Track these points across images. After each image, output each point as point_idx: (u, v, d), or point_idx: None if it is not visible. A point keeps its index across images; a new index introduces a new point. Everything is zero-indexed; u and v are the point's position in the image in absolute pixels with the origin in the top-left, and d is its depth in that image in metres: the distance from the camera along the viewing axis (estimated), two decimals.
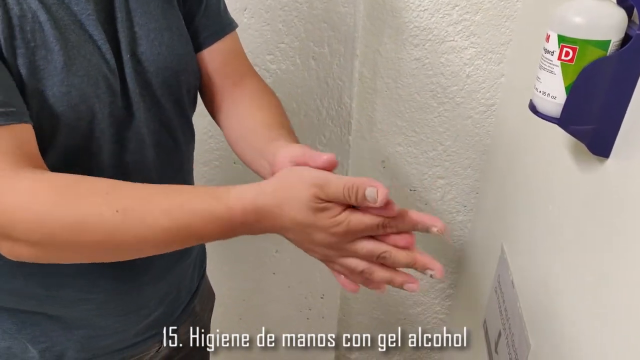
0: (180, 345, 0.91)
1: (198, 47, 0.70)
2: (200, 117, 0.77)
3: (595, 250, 0.59)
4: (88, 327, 0.71)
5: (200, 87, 0.74)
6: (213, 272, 1.17)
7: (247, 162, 0.68)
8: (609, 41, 0.50)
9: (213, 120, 1.12)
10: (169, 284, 0.77)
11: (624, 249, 0.52)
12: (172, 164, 0.71)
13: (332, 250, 0.52)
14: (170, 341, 0.85)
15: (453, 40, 1.07)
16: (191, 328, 0.91)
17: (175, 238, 0.51)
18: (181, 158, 0.73)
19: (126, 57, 0.60)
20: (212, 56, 0.71)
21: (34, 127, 0.53)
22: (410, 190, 1.28)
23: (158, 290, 0.75)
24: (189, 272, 0.84)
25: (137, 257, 0.55)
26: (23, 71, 0.52)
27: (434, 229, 0.51)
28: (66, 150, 0.57)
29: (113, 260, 0.55)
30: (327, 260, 0.54)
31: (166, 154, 0.69)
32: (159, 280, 0.74)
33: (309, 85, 1.08)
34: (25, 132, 0.51)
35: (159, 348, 0.84)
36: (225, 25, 0.72)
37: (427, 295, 1.46)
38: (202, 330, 0.96)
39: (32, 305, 0.67)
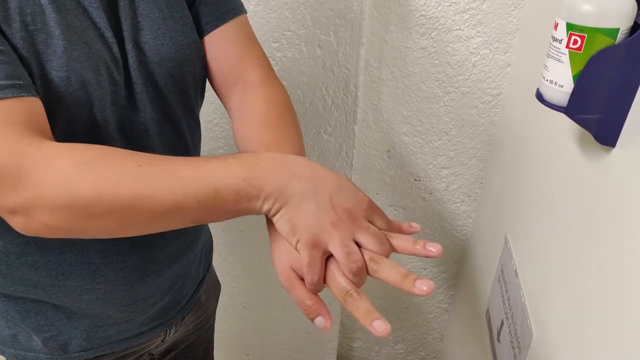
0: (185, 334, 0.92)
1: (200, 34, 0.68)
2: (205, 104, 0.77)
3: (599, 239, 0.59)
4: (93, 316, 0.72)
5: (207, 74, 0.72)
6: (218, 262, 1.18)
7: None
8: (618, 29, 0.49)
9: (218, 108, 1.12)
10: (174, 274, 0.78)
11: (629, 238, 0.52)
12: (176, 153, 0.71)
13: (349, 217, 0.51)
14: (175, 330, 0.85)
15: (459, 29, 1.06)
16: (196, 317, 0.91)
17: (197, 191, 0.49)
18: (186, 148, 0.73)
19: (129, 46, 0.60)
20: (215, 42, 0.69)
21: None
22: (415, 179, 1.28)
23: (164, 280, 0.76)
24: (195, 262, 0.84)
25: (156, 227, 0.52)
26: (23, 54, 0.51)
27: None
28: (67, 137, 0.56)
29: (134, 232, 0.52)
30: (334, 229, 0.50)
31: (170, 143, 0.69)
32: (164, 270, 0.74)
33: (314, 74, 1.08)
34: (35, 105, 0.51)
35: (164, 337, 0.84)
36: (229, 10, 0.69)
37: None
38: (207, 319, 0.97)
39: (37, 294, 0.68)
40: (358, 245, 0.51)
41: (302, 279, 0.53)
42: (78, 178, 0.47)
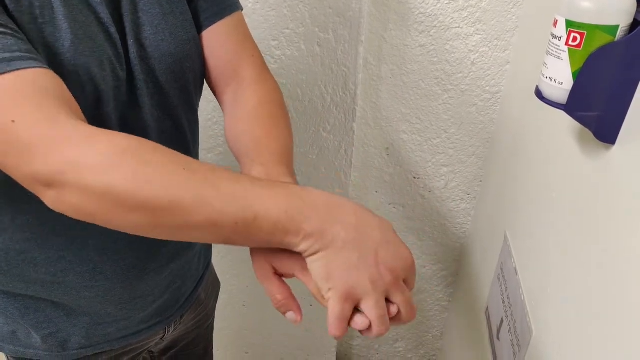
0: (185, 332, 0.92)
1: (199, 29, 0.68)
2: (204, 102, 0.77)
3: (599, 237, 0.59)
4: (92, 314, 0.72)
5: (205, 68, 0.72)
6: (218, 260, 1.18)
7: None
8: (617, 26, 0.49)
9: (217, 106, 1.12)
10: (174, 272, 0.78)
11: (629, 235, 0.52)
12: (176, 150, 0.71)
13: (390, 276, 0.49)
14: (174, 328, 0.85)
15: (458, 27, 1.06)
16: (195, 315, 0.91)
17: (236, 212, 0.46)
18: (186, 145, 0.73)
19: (130, 41, 0.60)
20: (212, 38, 0.69)
21: None
22: (414, 177, 1.28)
23: (163, 278, 0.76)
24: (195, 260, 0.84)
25: (186, 236, 0.49)
26: (34, 46, 0.51)
27: None
28: None
29: (161, 236, 0.49)
30: (372, 287, 0.48)
31: (171, 140, 0.69)
32: (163, 268, 0.74)
33: (313, 72, 1.08)
34: (60, 79, 0.49)
35: (164, 335, 0.84)
36: (226, 7, 0.69)
37: (430, 283, 1.47)
38: (207, 317, 0.97)
39: (37, 291, 0.68)
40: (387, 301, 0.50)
41: (278, 275, 0.53)
42: (116, 167, 0.44)
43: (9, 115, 0.44)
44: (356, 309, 0.50)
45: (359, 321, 0.49)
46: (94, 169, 0.44)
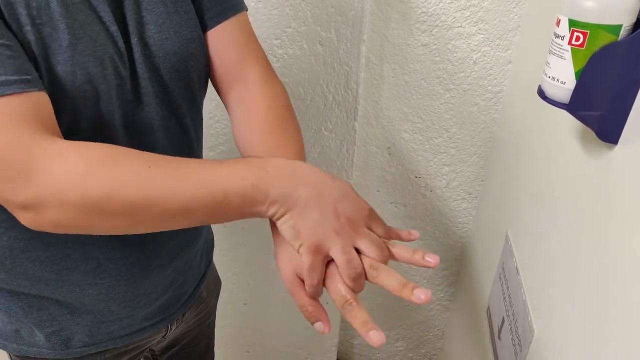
0: (186, 330, 0.92)
1: (203, 29, 0.68)
2: (206, 101, 0.77)
3: (601, 237, 0.59)
4: (96, 312, 0.72)
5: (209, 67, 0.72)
6: (219, 258, 1.18)
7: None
8: (621, 26, 0.49)
9: (219, 105, 1.12)
10: (176, 270, 0.78)
11: (631, 235, 0.52)
12: (180, 148, 0.71)
13: (351, 224, 0.53)
14: (176, 326, 0.86)
15: (461, 27, 1.06)
16: (197, 313, 0.91)
17: (206, 194, 0.50)
18: (190, 143, 0.73)
19: (134, 40, 0.60)
20: (217, 38, 0.69)
21: None
22: (416, 177, 1.28)
23: (166, 276, 0.76)
24: (197, 258, 0.84)
25: (164, 227, 0.54)
26: (29, 48, 0.51)
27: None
28: (72, 131, 0.57)
29: (142, 231, 0.54)
30: (336, 236, 0.52)
31: (174, 138, 0.69)
32: (166, 266, 0.75)
33: (315, 71, 1.08)
34: (43, 100, 0.51)
35: (166, 333, 0.84)
36: (230, 6, 0.69)
37: (431, 282, 1.47)
38: (208, 315, 0.97)
39: (40, 289, 0.68)
40: (358, 252, 0.53)
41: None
42: (90, 177, 0.48)
43: None
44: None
45: (374, 337, 0.49)
46: (70, 181, 0.47)
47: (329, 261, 0.53)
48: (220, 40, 0.69)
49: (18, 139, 0.48)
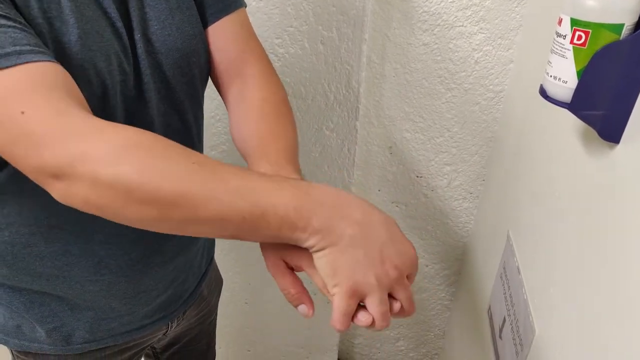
0: (187, 328, 0.92)
1: (204, 24, 0.69)
2: (207, 99, 0.77)
3: (602, 236, 0.59)
4: (96, 308, 0.72)
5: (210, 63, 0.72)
6: (220, 257, 1.18)
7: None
8: (623, 25, 0.49)
9: (221, 104, 1.12)
10: (177, 267, 0.78)
11: (633, 234, 0.52)
12: (182, 145, 0.71)
13: (394, 273, 0.50)
14: (177, 324, 0.86)
15: (462, 26, 1.06)
16: (198, 311, 0.92)
17: (244, 206, 0.46)
18: (192, 139, 0.73)
19: (137, 36, 0.60)
20: (217, 34, 0.69)
21: None
22: (417, 176, 1.28)
23: (167, 273, 0.76)
24: (198, 256, 0.84)
25: (193, 231, 0.49)
26: (43, 40, 0.51)
27: None
28: None
29: (168, 229, 0.49)
30: (377, 284, 0.49)
31: (176, 135, 0.69)
32: (167, 263, 0.75)
33: (316, 70, 1.08)
34: (67, 73, 0.50)
35: (166, 331, 0.84)
36: (230, 3, 0.70)
37: (432, 282, 1.47)
38: (209, 314, 0.98)
39: (42, 284, 0.68)
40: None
41: (290, 269, 0.54)
42: (127, 158, 0.45)
43: (19, 107, 0.45)
44: (359, 304, 0.51)
45: (363, 319, 0.50)
46: (104, 160, 0.44)
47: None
48: (221, 36, 0.69)
49: (54, 103, 0.46)
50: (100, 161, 0.44)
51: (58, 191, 0.46)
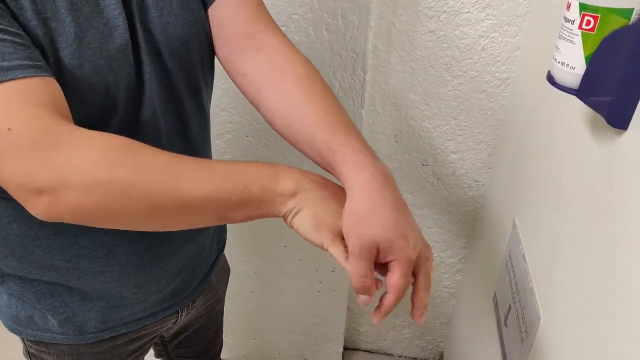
0: (196, 317, 0.93)
1: (205, 6, 0.66)
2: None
3: (609, 223, 0.59)
4: (107, 298, 0.73)
5: (216, 42, 0.68)
6: (226, 246, 1.18)
7: (285, 138, 0.64)
8: (632, 9, 0.49)
9: (225, 93, 1.12)
10: (187, 256, 0.78)
11: (639, 222, 0.52)
12: (184, 135, 0.71)
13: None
14: (186, 313, 0.86)
15: (468, 12, 1.05)
16: (206, 300, 0.92)
17: (232, 183, 0.50)
18: (194, 129, 0.73)
19: (137, 25, 0.60)
20: (223, 8, 0.66)
21: None
22: (423, 164, 1.27)
23: (176, 262, 0.76)
24: (207, 244, 0.85)
25: (183, 220, 0.53)
26: (38, 42, 0.51)
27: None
28: (78, 121, 0.56)
29: (160, 224, 0.54)
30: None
31: (177, 125, 0.69)
32: (176, 252, 0.75)
33: (322, 57, 1.07)
34: (57, 87, 0.51)
35: (176, 320, 0.85)
36: None
37: (437, 270, 1.47)
38: (217, 302, 0.98)
39: (52, 276, 0.68)
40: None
41: (377, 255, 0.52)
42: (118, 160, 0.48)
43: (5, 123, 0.45)
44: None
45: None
46: (98, 164, 0.47)
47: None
48: (227, 9, 0.66)
49: (40, 120, 0.47)
50: (93, 166, 0.47)
51: (40, 207, 0.48)
